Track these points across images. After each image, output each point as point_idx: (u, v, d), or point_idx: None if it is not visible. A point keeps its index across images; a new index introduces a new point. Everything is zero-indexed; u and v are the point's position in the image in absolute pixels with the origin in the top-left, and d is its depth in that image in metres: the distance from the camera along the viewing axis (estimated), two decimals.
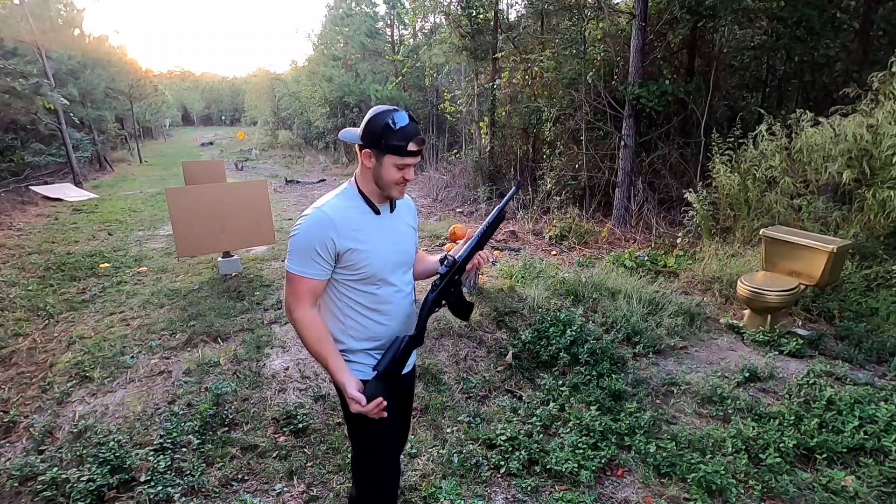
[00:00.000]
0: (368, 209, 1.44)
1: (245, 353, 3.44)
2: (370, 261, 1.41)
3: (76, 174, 12.62)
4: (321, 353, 1.40)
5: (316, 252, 1.36)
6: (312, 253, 1.36)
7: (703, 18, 6.71)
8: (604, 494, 2.21)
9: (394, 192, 1.42)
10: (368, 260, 1.41)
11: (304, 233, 1.36)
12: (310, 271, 1.38)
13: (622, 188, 7.06)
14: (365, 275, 1.42)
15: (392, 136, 1.32)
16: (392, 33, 18.03)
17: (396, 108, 1.36)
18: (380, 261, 1.43)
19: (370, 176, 1.41)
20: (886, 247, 4.36)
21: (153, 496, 2.15)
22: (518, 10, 10.92)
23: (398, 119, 1.33)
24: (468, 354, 3.40)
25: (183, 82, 61.70)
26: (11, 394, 3.04)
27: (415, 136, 1.35)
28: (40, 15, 12.50)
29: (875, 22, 6.67)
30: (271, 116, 30.12)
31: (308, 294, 1.40)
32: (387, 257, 1.45)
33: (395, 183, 1.39)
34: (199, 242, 4.94)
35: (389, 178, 1.38)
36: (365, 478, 1.57)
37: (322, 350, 1.40)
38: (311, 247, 1.35)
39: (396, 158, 1.35)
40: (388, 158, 1.35)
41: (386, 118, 1.33)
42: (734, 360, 3.40)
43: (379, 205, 1.46)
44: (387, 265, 1.46)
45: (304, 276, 1.38)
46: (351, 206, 1.42)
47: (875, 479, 2.20)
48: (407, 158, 1.36)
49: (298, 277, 1.38)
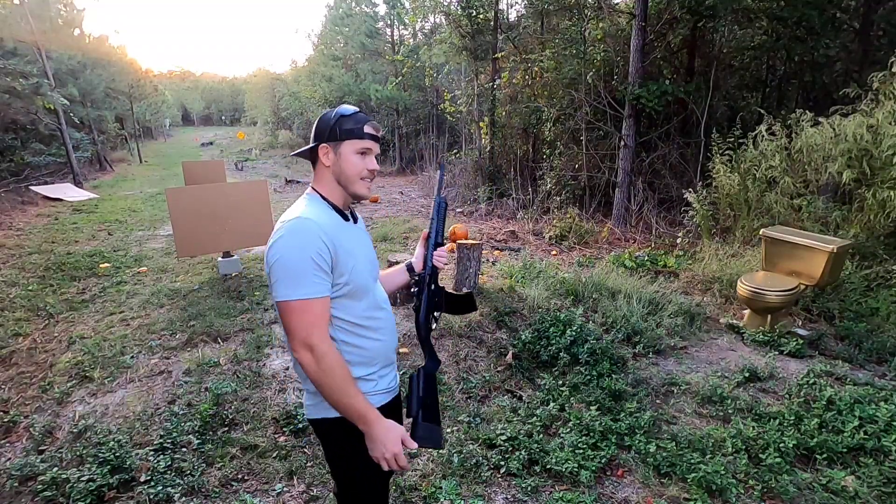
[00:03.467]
0: (338, 216, 1.30)
1: (245, 353, 3.44)
2: (355, 271, 1.26)
3: (76, 174, 12.63)
4: (351, 393, 1.18)
5: (314, 263, 1.16)
6: (312, 266, 1.16)
7: (703, 18, 6.71)
8: (604, 494, 2.21)
9: (359, 189, 1.30)
10: (354, 270, 1.25)
11: (294, 247, 1.16)
12: (316, 290, 1.17)
13: (622, 188, 7.06)
14: (351, 288, 1.26)
15: (346, 122, 1.26)
16: (392, 33, 18.02)
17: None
18: (362, 272, 1.29)
19: (331, 177, 1.29)
20: (886, 247, 4.36)
21: (153, 496, 2.15)
22: (518, 10, 10.94)
23: (346, 108, 1.30)
24: (468, 354, 3.40)
25: (183, 82, 61.78)
26: (11, 394, 3.04)
27: (368, 120, 1.29)
28: (40, 15, 12.50)
29: (875, 22, 6.68)
30: (271, 116, 30.14)
31: (324, 320, 1.19)
32: (365, 268, 1.32)
33: (360, 177, 1.28)
34: (199, 242, 4.94)
35: (352, 170, 1.27)
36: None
37: (352, 390, 1.19)
38: (308, 259, 1.15)
39: (356, 143, 1.26)
40: (346, 146, 1.26)
41: (333, 111, 1.30)
42: (734, 360, 3.40)
43: (346, 213, 1.34)
44: (367, 275, 1.33)
45: (312, 298, 1.16)
46: (324, 214, 1.26)
47: (875, 479, 2.20)
48: (367, 141, 1.27)
49: (306, 303, 1.15)
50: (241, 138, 27.48)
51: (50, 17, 13.46)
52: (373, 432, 1.20)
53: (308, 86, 20.26)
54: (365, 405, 1.20)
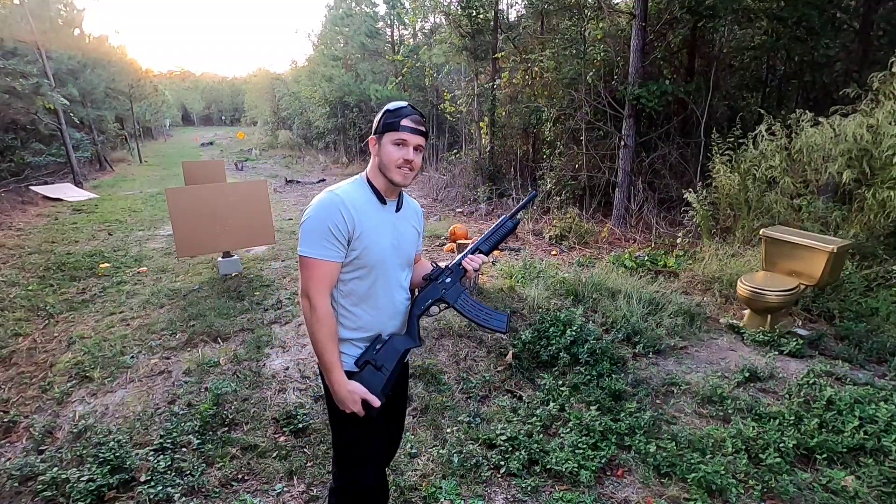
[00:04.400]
0: (375, 198, 1.47)
1: (245, 353, 3.44)
2: (369, 249, 1.42)
3: (76, 174, 12.63)
4: (327, 349, 1.40)
5: (329, 232, 1.36)
6: (326, 234, 1.36)
7: (703, 18, 6.71)
8: (604, 494, 2.21)
9: (396, 176, 1.43)
10: (368, 247, 1.42)
11: (317, 214, 1.38)
12: (325, 253, 1.37)
13: (622, 188, 7.06)
14: (361, 263, 1.43)
15: (388, 116, 1.42)
16: (392, 33, 18.02)
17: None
18: (378, 251, 1.44)
19: (376, 164, 1.46)
20: (886, 247, 4.36)
21: (153, 496, 2.15)
22: (518, 10, 10.93)
23: (393, 104, 1.44)
24: (468, 354, 3.40)
25: (183, 82, 61.71)
26: (11, 394, 3.04)
27: (409, 114, 1.41)
28: (40, 15, 12.49)
29: (875, 22, 6.68)
30: (271, 116, 30.14)
31: (326, 279, 1.40)
32: (385, 250, 1.46)
33: (396, 165, 1.41)
34: (199, 242, 4.94)
35: (389, 158, 1.41)
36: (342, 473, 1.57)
37: (329, 347, 1.40)
38: (325, 227, 1.36)
39: (393, 134, 1.40)
40: (386, 138, 1.41)
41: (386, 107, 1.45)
42: (734, 360, 3.40)
43: (388, 198, 1.49)
44: (384, 258, 1.46)
45: (320, 259, 1.38)
46: (359, 193, 1.45)
47: (875, 479, 2.20)
48: (403, 133, 1.40)
49: (314, 261, 1.38)
50: (241, 138, 27.49)
51: (50, 17, 13.46)
52: (334, 388, 1.42)
53: (308, 86, 20.27)
54: (334, 362, 1.40)
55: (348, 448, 1.55)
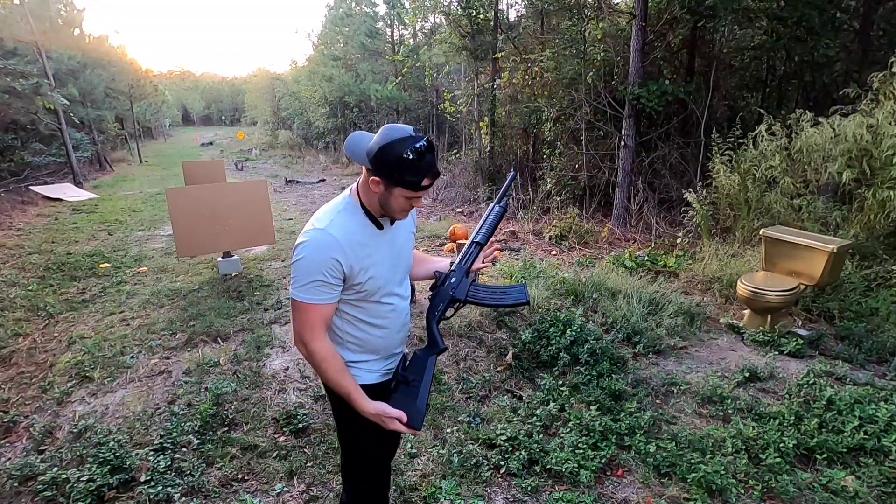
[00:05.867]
0: (371, 224, 1.35)
1: (245, 353, 3.44)
2: (374, 279, 1.36)
3: (76, 174, 12.62)
4: (342, 384, 1.34)
5: (323, 276, 1.27)
6: (320, 278, 1.27)
7: (703, 18, 6.71)
8: (604, 494, 2.21)
9: (398, 216, 1.34)
10: (372, 279, 1.35)
11: (309, 256, 1.26)
12: (319, 298, 1.29)
13: (622, 188, 7.06)
14: (369, 293, 1.37)
15: (407, 172, 1.20)
16: (392, 33, 18.02)
17: (414, 136, 1.20)
18: (384, 278, 1.39)
19: (376, 197, 1.30)
20: (886, 247, 4.35)
21: (153, 496, 2.15)
22: (518, 10, 10.93)
23: (416, 152, 1.19)
24: (468, 354, 3.40)
25: (183, 82, 61.74)
26: (11, 394, 3.04)
27: (430, 169, 1.23)
28: (40, 15, 12.48)
29: (875, 22, 6.68)
30: (271, 116, 30.12)
31: (320, 322, 1.32)
32: (390, 273, 1.41)
33: (402, 210, 1.31)
34: (199, 242, 4.94)
35: (397, 206, 1.29)
36: (359, 484, 1.56)
37: (343, 382, 1.34)
38: (318, 271, 1.26)
39: (407, 192, 1.24)
40: (398, 190, 1.24)
41: (402, 150, 1.18)
42: (734, 360, 3.40)
43: (380, 218, 1.37)
44: (390, 280, 1.42)
45: (313, 304, 1.29)
46: (354, 224, 1.32)
47: (875, 479, 2.20)
48: (420, 192, 1.26)
49: (307, 306, 1.29)
50: (241, 138, 27.48)
51: (50, 17, 13.44)
52: (359, 410, 1.36)
53: (308, 86, 20.26)
54: (351, 391, 1.34)
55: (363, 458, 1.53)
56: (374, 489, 1.56)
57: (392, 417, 1.34)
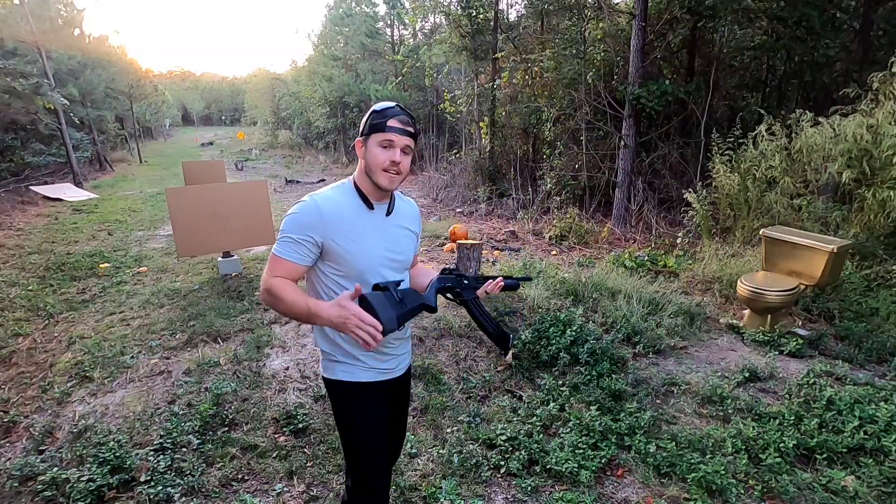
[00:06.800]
0: (362, 204, 1.43)
1: (245, 353, 3.44)
2: (356, 257, 1.40)
3: (76, 174, 12.63)
4: (297, 302, 1.31)
5: (298, 237, 1.36)
6: (295, 237, 1.36)
7: (703, 18, 6.72)
8: (604, 494, 2.21)
9: (381, 179, 1.38)
10: (354, 255, 1.39)
11: (292, 218, 1.38)
12: (289, 254, 1.37)
13: (622, 188, 7.06)
14: (351, 271, 1.40)
15: (374, 117, 1.38)
16: (392, 33, 18.04)
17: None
18: (367, 258, 1.41)
19: (363, 167, 1.42)
20: (886, 247, 4.36)
21: (153, 496, 2.15)
22: (518, 10, 10.95)
23: (380, 104, 1.40)
24: (468, 354, 3.40)
25: (183, 82, 61.80)
26: (11, 394, 3.04)
27: (397, 115, 1.37)
28: (40, 15, 12.48)
29: (875, 22, 6.69)
30: (271, 116, 30.14)
31: (282, 273, 1.37)
32: (375, 256, 1.43)
33: (382, 168, 1.37)
34: (199, 242, 4.94)
35: (375, 161, 1.37)
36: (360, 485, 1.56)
37: (297, 298, 1.32)
38: (294, 231, 1.36)
39: (379, 136, 1.36)
40: (372, 139, 1.38)
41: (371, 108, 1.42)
42: (734, 360, 3.40)
43: (375, 202, 1.44)
44: (375, 264, 1.43)
45: (283, 258, 1.37)
46: (344, 200, 1.42)
47: (875, 479, 2.20)
48: (390, 134, 1.36)
49: (278, 258, 1.38)
50: (241, 138, 27.50)
51: (50, 17, 13.45)
52: (325, 318, 1.28)
53: (308, 86, 20.28)
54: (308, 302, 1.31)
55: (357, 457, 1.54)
56: (375, 490, 1.56)
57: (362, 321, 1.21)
